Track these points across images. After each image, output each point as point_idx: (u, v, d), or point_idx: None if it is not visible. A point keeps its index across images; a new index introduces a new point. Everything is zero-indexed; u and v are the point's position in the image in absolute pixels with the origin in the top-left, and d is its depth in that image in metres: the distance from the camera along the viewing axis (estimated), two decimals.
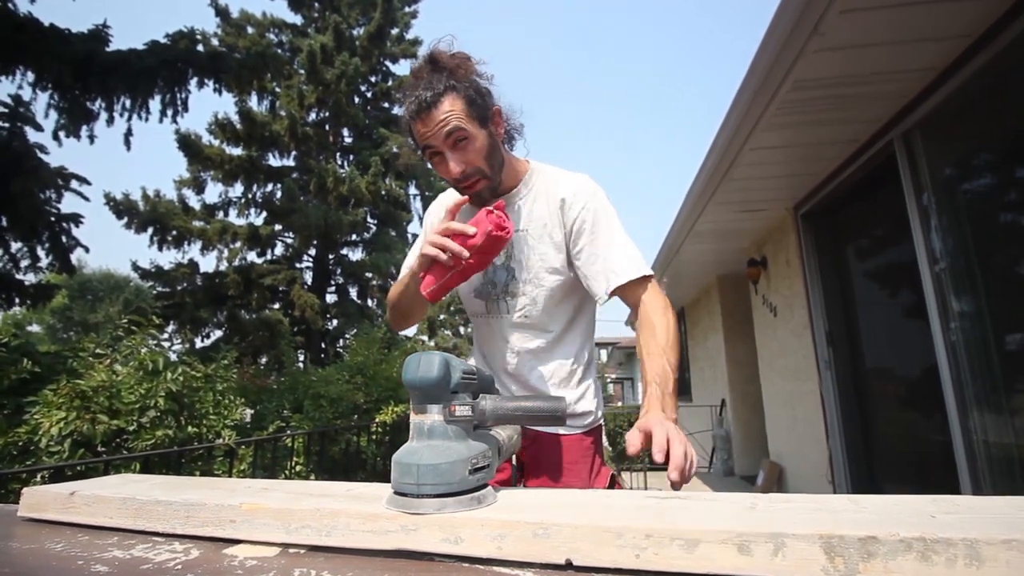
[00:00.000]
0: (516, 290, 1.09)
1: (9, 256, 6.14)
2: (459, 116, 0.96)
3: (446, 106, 0.95)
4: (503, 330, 1.11)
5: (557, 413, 0.64)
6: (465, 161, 0.98)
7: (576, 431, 1.10)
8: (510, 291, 1.09)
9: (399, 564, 0.45)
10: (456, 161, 0.97)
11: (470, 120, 0.97)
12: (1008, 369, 1.99)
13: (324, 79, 10.71)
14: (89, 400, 2.80)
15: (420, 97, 0.95)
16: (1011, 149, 1.99)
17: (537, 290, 1.08)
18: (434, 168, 1.03)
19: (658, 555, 0.40)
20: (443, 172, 1.01)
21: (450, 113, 0.95)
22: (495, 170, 1.03)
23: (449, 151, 0.97)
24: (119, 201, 9.56)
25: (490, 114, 1.03)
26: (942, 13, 1.81)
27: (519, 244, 1.08)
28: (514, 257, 1.09)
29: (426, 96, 0.95)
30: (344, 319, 11.49)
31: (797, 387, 3.82)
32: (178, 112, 6.36)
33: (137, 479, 0.72)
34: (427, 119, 0.95)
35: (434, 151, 0.99)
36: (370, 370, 5.53)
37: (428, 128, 0.96)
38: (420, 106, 0.95)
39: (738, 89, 2.45)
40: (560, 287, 1.08)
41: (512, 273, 1.09)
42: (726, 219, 4.02)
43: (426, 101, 0.95)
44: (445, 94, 0.96)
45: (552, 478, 1.07)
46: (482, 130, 0.99)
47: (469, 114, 0.97)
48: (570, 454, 1.08)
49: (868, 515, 0.43)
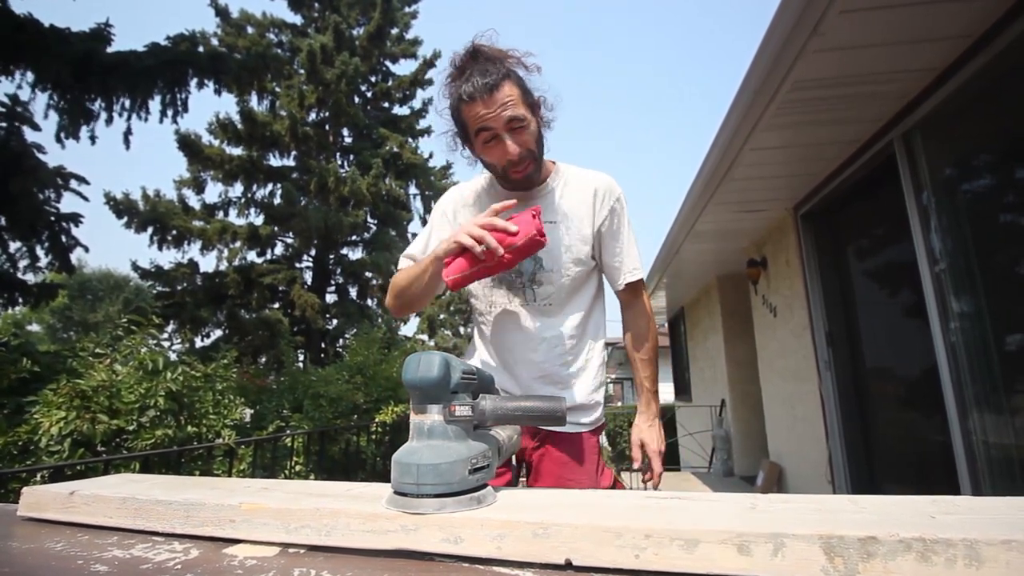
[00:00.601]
0: (542, 279, 1.12)
1: (8, 256, 6.14)
2: (517, 103, 1.01)
3: (506, 91, 1.00)
4: (526, 319, 1.13)
5: (557, 413, 0.64)
6: (521, 143, 1.03)
7: (584, 428, 1.13)
8: (536, 280, 1.12)
9: (399, 564, 0.45)
10: (514, 143, 1.02)
11: (525, 106, 1.03)
12: (1008, 369, 1.99)
13: (324, 79, 10.71)
14: (89, 400, 2.80)
15: (478, 81, 0.99)
16: (1011, 149, 1.99)
17: (562, 279, 1.12)
18: (480, 151, 1.07)
19: (658, 555, 0.40)
20: (496, 154, 1.04)
21: (510, 98, 1.00)
22: (541, 155, 1.09)
23: (508, 134, 1.01)
24: (119, 201, 9.56)
25: (537, 102, 1.08)
26: (942, 13, 1.81)
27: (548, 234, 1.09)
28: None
29: (486, 81, 0.98)
30: (344, 319, 11.49)
31: (797, 387, 3.82)
32: (178, 112, 6.35)
33: (137, 479, 0.72)
34: (488, 101, 0.99)
35: (492, 133, 1.02)
36: (370, 370, 5.53)
37: (489, 110, 0.99)
38: (481, 88, 0.99)
39: (738, 89, 2.45)
40: (581, 276, 1.14)
41: (540, 262, 1.11)
42: (726, 219, 4.02)
43: (487, 84, 0.98)
44: (504, 80, 1.00)
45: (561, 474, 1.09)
46: (533, 117, 1.05)
47: (524, 100, 1.03)
48: (579, 451, 1.11)
49: (868, 515, 0.43)
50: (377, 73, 13.01)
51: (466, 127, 1.05)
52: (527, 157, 1.04)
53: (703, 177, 3.33)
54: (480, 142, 1.04)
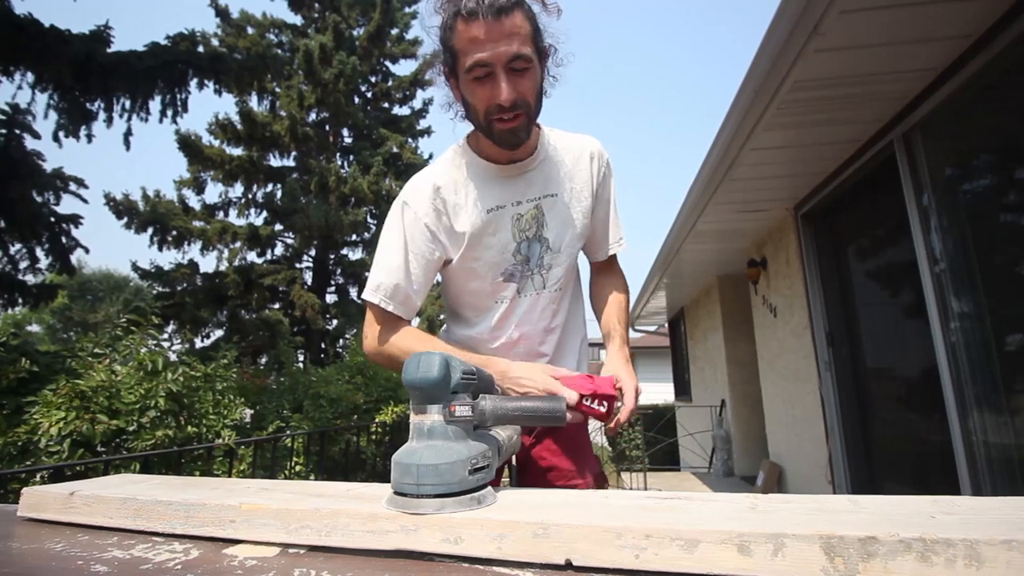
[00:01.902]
0: (551, 261, 1.00)
1: (8, 258, 6.15)
2: (525, 39, 0.82)
3: (516, 20, 0.81)
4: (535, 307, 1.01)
5: (557, 413, 0.64)
6: (518, 90, 0.83)
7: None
8: (545, 264, 1.00)
9: (399, 564, 0.45)
10: (510, 87, 0.82)
11: (533, 48, 0.84)
12: (1008, 369, 1.99)
13: (324, 79, 10.71)
14: (89, 400, 2.80)
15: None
16: (1011, 149, 1.99)
17: (568, 258, 1.03)
18: (465, 87, 0.87)
19: (658, 555, 0.40)
20: (483, 94, 0.84)
21: (519, 30, 0.81)
22: (536, 114, 0.90)
23: (505, 74, 0.82)
24: (119, 201, 9.56)
25: (546, 50, 0.91)
26: (942, 13, 1.81)
27: (551, 211, 0.99)
28: (546, 225, 0.99)
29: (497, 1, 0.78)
30: (344, 319, 11.50)
31: (797, 387, 3.82)
32: (178, 113, 6.36)
33: (137, 479, 0.72)
34: (492, 26, 0.79)
35: (487, 69, 0.82)
36: (370, 370, 5.53)
37: (490, 38, 0.79)
38: (487, 8, 0.78)
39: (738, 89, 2.45)
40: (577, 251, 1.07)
41: (546, 244, 0.99)
42: (726, 219, 4.02)
43: (495, 6, 0.78)
44: (516, 7, 0.81)
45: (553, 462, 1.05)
46: (539, 64, 0.87)
47: (534, 41, 0.84)
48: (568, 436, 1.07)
49: (868, 515, 0.43)
50: (377, 73, 13.01)
51: (455, 54, 0.84)
52: (520, 108, 0.85)
53: (703, 177, 3.33)
54: (469, 76, 0.84)
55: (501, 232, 0.97)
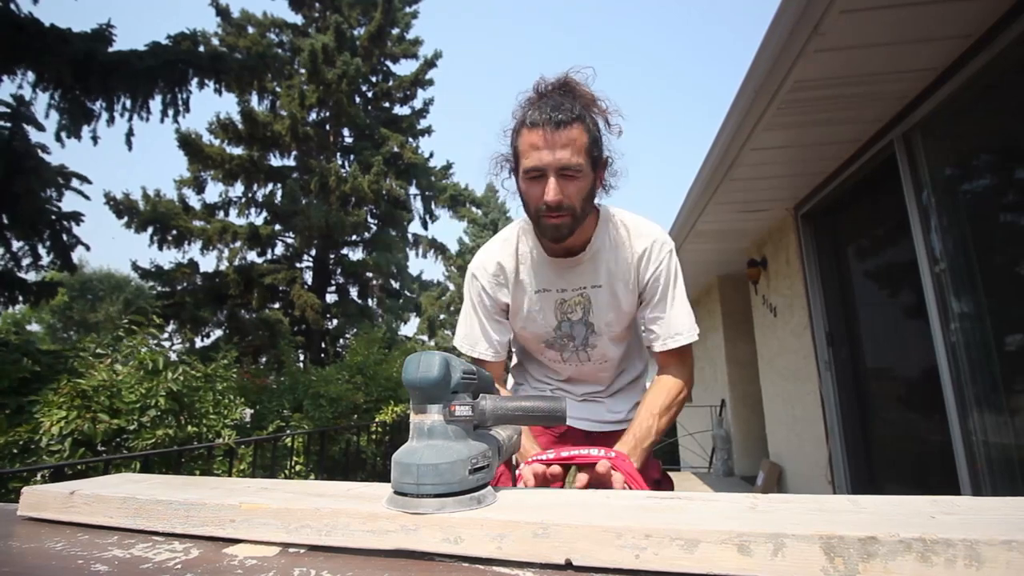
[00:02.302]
0: (595, 342, 1.12)
1: (11, 254, 6.16)
2: (579, 150, 0.92)
3: (573, 133, 0.91)
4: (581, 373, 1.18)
5: (557, 413, 0.64)
6: (566, 194, 0.93)
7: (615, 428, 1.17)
8: (590, 343, 1.13)
9: (399, 564, 0.45)
10: (558, 190, 0.92)
11: (587, 158, 0.94)
12: (1008, 369, 1.99)
13: (325, 79, 10.72)
14: (90, 399, 2.81)
15: (549, 112, 0.90)
16: (1011, 149, 1.99)
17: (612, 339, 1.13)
18: (522, 184, 0.98)
19: (658, 555, 0.40)
20: (535, 192, 0.95)
21: (574, 141, 0.91)
22: (584, 215, 0.99)
23: (556, 177, 0.92)
24: (119, 201, 9.57)
25: (602, 161, 1.00)
26: (942, 13, 1.81)
27: (597, 300, 1.09)
28: (592, 312, 1.10)
29: (557, 115, 0.90)
30: (344, 319, 11.51)
31: (797, 387, 3.82)
32: (179, 112, 6.37)
33: (137, 478, 0.72)
34: (550, 136, 0.90)
35: (538, 171, 0.93)
36: (370, 370, 5.54)
37: (546, 145, 0.91)
38: (547, 119, 0.90)
39: (738, 89, 2.45)
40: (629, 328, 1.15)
41: (591, 328, 1.11)
42: (726, 219, 4.02)
43: (555, 119, 0.90)
44: (576, 122, 0.91)
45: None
46: (592, 172, 0.97)
47: (589, 151, 0.94)
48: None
49: (868, 515, 0.43)
50: (378, 73, 13.02)
51: (518, 155, 0.97)
52: (567, 210, 0.94)
53: (703, 177, 3.33)
54: (527, 176, 0.96)
55: (545, 312, 1.12)
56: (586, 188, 0.96)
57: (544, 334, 1.13)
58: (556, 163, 0.91)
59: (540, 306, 1.11)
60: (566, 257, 1.07)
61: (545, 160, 0.91)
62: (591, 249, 1.07)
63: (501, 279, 1.12)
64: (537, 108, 0.92)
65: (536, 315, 1.12)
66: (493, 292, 1.12)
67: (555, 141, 0.90)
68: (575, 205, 0.95)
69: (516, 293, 1.12)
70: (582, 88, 0.97)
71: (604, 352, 1.14)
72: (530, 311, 1.12)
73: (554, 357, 1.16)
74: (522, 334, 1.17)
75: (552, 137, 0.90)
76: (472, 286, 1.15)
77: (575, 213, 0.96)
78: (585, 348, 1.13)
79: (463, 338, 1.16)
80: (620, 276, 1.07)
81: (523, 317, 1.13)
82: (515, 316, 1.14)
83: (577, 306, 1.10)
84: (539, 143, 0.91)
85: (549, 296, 1.11)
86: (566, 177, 0.93)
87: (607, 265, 1.07)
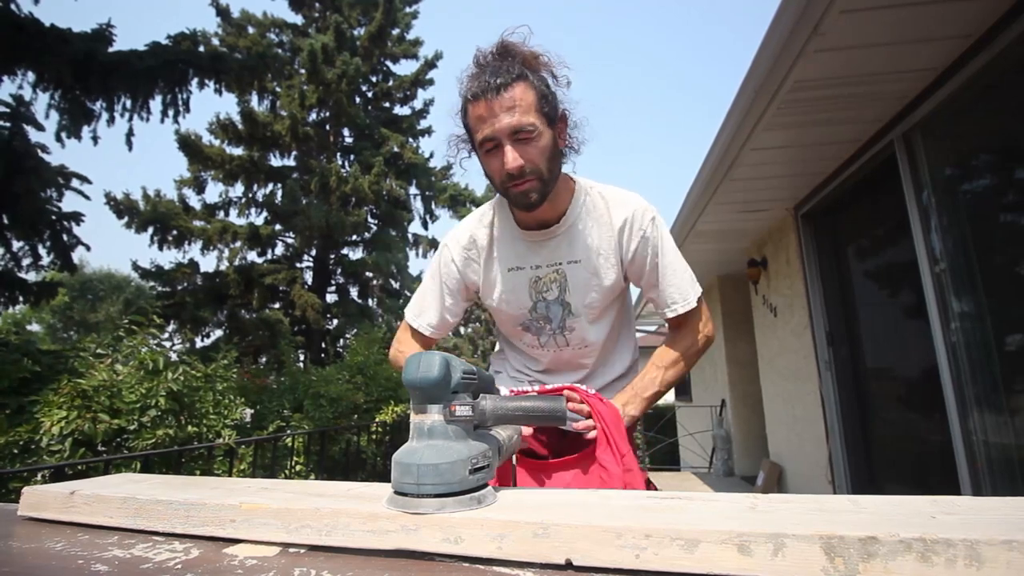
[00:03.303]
0: (572, 324, 1.05)
1: (11, 254, 6.16)
2: (527, 109, 0.87)
3: (517, 93, 0.87)
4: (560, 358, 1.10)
5: (557, 413, 0.64)
6: (525, 157, 0.88)
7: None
8: (567, 326, 1.06)
9: (399, 564, 0.45)
10: (515, 155, 0.88)
11: (539, 116, 0.89)
12: (1008, 369, 1.99)
13: (325, 79, 10.72)
14: (90, 399, 2.81)
15: (486, 80, 0.86)
16: (1011, 149, 1.98)
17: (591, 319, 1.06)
18: (483, 163, 0.95)
19: (658, 555, 0.40)
20: (495, 166, 0.91)
21: (520, 101, 0.87)
22: (552, 176, 0.94)
23: (509, 142, 0.88)
24: (120, 201, 9.57)
25: (558, 115, 0.95)
26: (942, 13, 1.81)
27: (574, 276, 1.03)
28: (569, 291, 1.03)
29: (495, 80, 0.86)
30: (344, 319, 11.50)
31: (797, 387, 3.82)
32: (179, 112, 6.37)
33: (137, 478, 0.72)
34: (492, 104, 0.86)
35: (492, 141, 0.89)
36: (370, 370, 5.54)
37: (491, 114, 0.87)
38: (485, 88, 0.86)
39: (739, 89, 2.45)
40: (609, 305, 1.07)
41: (568, 308, 1.04)
42: (727, 219, 4.02)
43: (494, 84, 0.86)
44: (517, 81, 0.87)
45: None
46: (548, 129, 0.91)
47: (539, 109, 0.89)
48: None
49: (868, 515, 0.43)
50: (378, 73, 13.02)
51: (471, 131, 0.93)
52: (531, 174, 0.89)
53: (703, 177, 3.33)
54: (483, 151, 0.92)
55: (519, 291, 1.06)
56: (547, 148, 0.91)
57: (519, 315, 1.08)
58: (506, 128, 0.87)
59: (513, 285, 1.06)
60: (540, 230, 1.02)
61: (495, 128, 0.87)
62: (566, 222, 1.01)
63: (472, 253, 1.08)
64: (477, 79, 0.88)
65: (510, 295, 1.07)
66: (462, 266, 1.08)
67: (500, 106, 0.86)
68: (539, 167, 0.90)
69: (488, 271, 1.08)
70: (520, 48, 0.92)
71: (583, 336, 1.06)
72: (503, 290, 1.07)
73: (531, 342, 1.11)
74: (498, 316, 1.12)
75: (496, 103, 0.86)
76: (441, 256, 1.10)
77: (541, 176, 0.91)
78: (563, 331, 1.06)
79: (413, 305, 1.13)
80: (600, 250, 1.01)
81: (497, 297, 1.08)
82: (488, 295, 1.09)
83: (553, 284, 1.04)
84: (485, 113, 0.87)
85: (523, 274, 1.05)
86: (521, 140, 0.88)
87: (584, 239, 1.01)
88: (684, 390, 8.64)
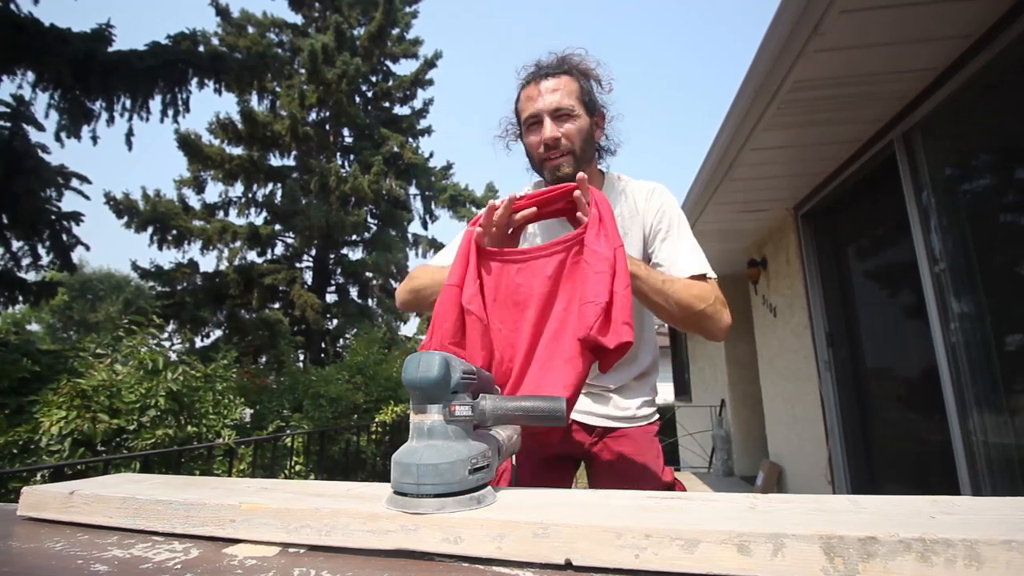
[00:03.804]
0: None
1: (11, 254, 6.16)
2: (570, 93, 0.99)
3: (563, 80, 0.99)
4: None
5: (557, 413, 0.64)
6: (564, 133, 0.98)
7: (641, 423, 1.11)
8: None
9: (399, 564, 0.45)
10: (554, 127, 0.98)
11: (579, 102, 1.00)
12: (1008, 369, 1.99)
13: (325, 79, 10.71)
14: (89, 399, 2.81)
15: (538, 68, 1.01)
16: (1011, 149, 1.99)
17: None
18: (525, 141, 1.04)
19: (658, 555, 0.40)
20: (534, 139, 1.00)
21: (565, 87, 0.99)
22: (584, 157, 1.02)
23: (552, 119, 0.98)
24: (119, 201, 9.57)
25: (597, 108, 1.05)
26: (942, 13, 1.81)
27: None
28: None
29: (546, 69, 1.00)
30: (344, 319, 11.50)
31: (797, 387, 3.82)
32: (179, 112, 6.37)
33: (137, 478, 0.72)
34: (539, 85, 0.99)
35: (535, 118, 1.00)
36: (370, 370, 5.53)
37: (538, 95, 0.99)
38: (536, 73, 1.00)
39: (738, 89, 2.45)
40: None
41: None
42: (726, 219, 4.02)
43: (543, 71, 1.00)
44: (565, 73, 1.00)
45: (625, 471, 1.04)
46: (586, 115, 1.01)
47: (580, 97, 1.00)
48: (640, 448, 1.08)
49: (868, 515, 0.43)
50: (378, 73, 13.01)
51: (519, 114, 1.05)
52: (565, 149, 0.98)
53: (703, 177, 3.33)
54: (526, 127, 1.03)
55: None
56: (584, 130, 1.00)
57: None
58: (548, 107, 0.98)
59: None
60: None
61: (539, 106, 0.99)
62: None
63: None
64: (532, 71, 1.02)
65: None
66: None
67: (546, 88, 0.99)
68: (574, 144, 0.99)
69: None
70: (574, 58, 1.04)
71: None
72: None
73: None
74: None
75: (543, 85, 0.99)
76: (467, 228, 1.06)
77: (575, 153, 0.99)
78: None
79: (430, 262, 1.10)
80: (629, 237, 1.04)
81: None
82: None
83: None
84: (533, 94, 1.00)
85: None
86: (561, 118, 0.98)
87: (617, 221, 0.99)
88: (684, 390, 8.64)
